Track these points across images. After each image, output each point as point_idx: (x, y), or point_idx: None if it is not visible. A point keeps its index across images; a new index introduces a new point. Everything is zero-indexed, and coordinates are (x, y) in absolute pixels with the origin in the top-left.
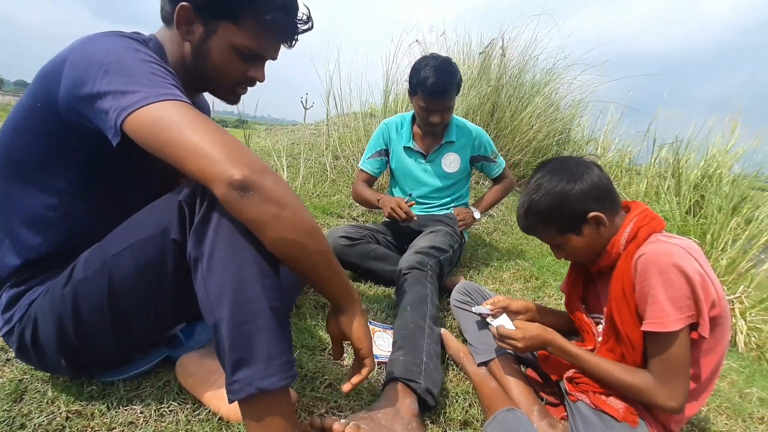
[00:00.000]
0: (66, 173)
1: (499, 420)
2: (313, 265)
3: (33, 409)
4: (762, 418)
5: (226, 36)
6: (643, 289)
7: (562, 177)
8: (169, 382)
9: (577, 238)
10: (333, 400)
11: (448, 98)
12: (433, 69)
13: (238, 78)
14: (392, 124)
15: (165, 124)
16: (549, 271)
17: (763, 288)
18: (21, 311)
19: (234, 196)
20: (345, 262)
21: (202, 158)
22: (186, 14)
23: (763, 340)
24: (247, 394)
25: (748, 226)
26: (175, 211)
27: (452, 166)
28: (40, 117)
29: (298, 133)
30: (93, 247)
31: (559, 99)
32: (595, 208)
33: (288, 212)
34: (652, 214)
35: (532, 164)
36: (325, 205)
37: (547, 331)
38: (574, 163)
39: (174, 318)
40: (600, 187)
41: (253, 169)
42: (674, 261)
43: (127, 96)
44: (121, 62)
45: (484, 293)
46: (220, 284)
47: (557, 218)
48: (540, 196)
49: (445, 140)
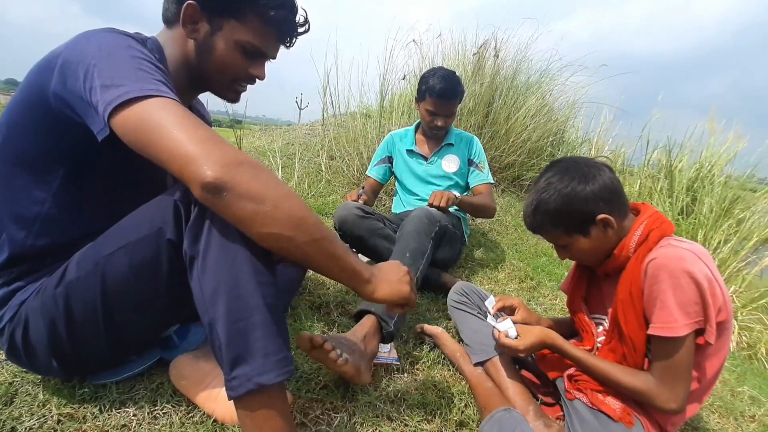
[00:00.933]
0: (57, 168)
1: (495, 419)
2: (306, 255)
3: (24, 412)
4: (753, 416)
5: (231, 33)
6: (652, 293)
7: (574, 177)
8: (162, 384)
9: (584, 239)
10: (329, 401)
11: (453, 103)
12: (441, 77)
13: (239, 74)
14: (397, 135)
15: (146, 125)
16: (544, 271)
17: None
18: (11, 311)
19: (209, 199)
20: (354, 235)
21: (179, 159)
22: (192, 12)
23: (755, 340)
24: (247, 390)
25: (740, 227)
26: (170, 210)
27: (451, 166)
28: (34, 112)
29: (293, 133)
30: (86, 247)
31: (553, 100)
32: (604, 211)
33: (268, 206)
34: (662, 217)
35: (527, 165)
36: (320, 205)
37: (548, 335)
38: (586, 164)
39: (168, 319)
40: (611, 190)
41: (226, 167)
42: (685, 266)
43: (111, 90)
44: (110, 57)
45: (481, 294)
46: (214, 282)
47: (566, 218)
48: (550, 195)
49: (445, 143)
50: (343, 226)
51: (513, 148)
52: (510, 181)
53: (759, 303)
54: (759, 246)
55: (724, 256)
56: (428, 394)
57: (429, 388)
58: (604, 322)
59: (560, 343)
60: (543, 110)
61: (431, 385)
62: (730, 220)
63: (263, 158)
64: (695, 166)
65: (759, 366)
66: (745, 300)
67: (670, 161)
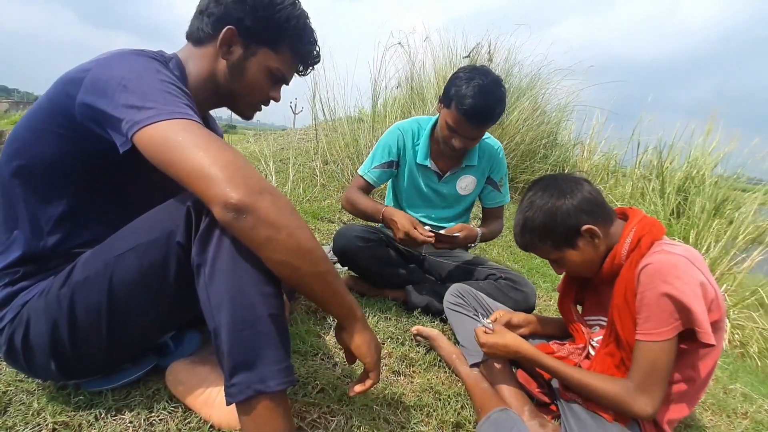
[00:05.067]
0: (74, 175)
1: (492, 420)
2: (308, 286)
3: (18, 421)
4: (746, 413)
5: (264, 60)
6: (643, 298)
7: (552, 193)
8: (158, 391)
9: (574, 252)
10: (326, 404)
11: (484, 128)
12: (478, 88)
13: (264, 96)
14: (408, 130)
15: (171, 143)
16: (538, 272)
17: (745, 287)
18: (13, 312)
19: (229, 219)
20: (357, 264)
21: (203, 180)
22: (230, 36)
23: (746, 338)
24: (245, 397)
25: (730, 227)
26: (182, 215)
27: (467, 188)
28: (56, 119)
29: (287, 137)
30: (94, 249)
31: (545, 103)
32: (587, 221)
33: (282, 235)
34: (651, 221)
35: (520, 167)
36: (315, 209)
37: (518, 345)
38: (564, 180)
39: (170, 323)
40: (590, 201)
41: (250, 192)
42: (677, 274)
43: (142, 111)
44: (140, 80)
45: (477, 296)
46: (220, 291)
47: (551, 233)
48: (533, 212)
49: (466, 164)
50: (343, 257)
51: (506, 151)
52: None
53: (750, 301)
54: (749, 245)
55: (715, 255)
56: (425, 397)
57: (426, 390)
58: (602, 322)
59: (529, 352)
60: (535, 113)
61: (428, 387)
62: (721, 219)
63: (257, 163)
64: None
65: (751, 364)
66: (737, 299)
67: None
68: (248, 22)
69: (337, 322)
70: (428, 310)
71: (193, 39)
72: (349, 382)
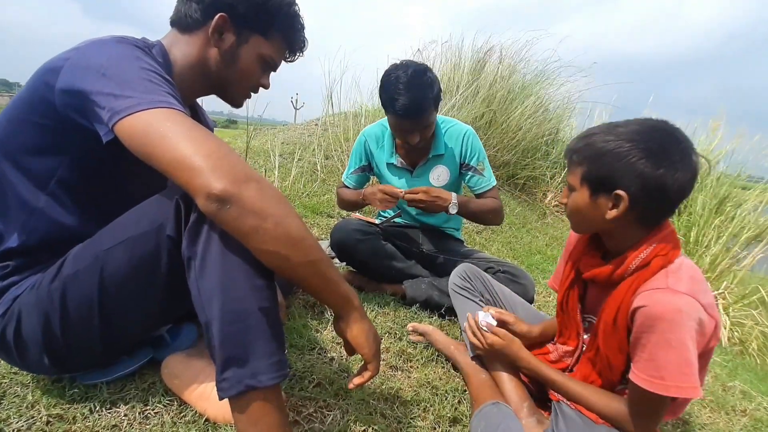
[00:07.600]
0: (55, 165)
1: (483, 414)
2: (300, 275)
3: (12, 413)
4: (744, 411)
5: (256, 47)
6: (640, 339)
7: (649, 148)
8: (154, 384)
9: (586, 197)
10: (322, 399)
11: (423, 118)
12: (403, 86)
13: (255, 83)
14: (371, 135)
15: (153, 134)
16: (538, 269)
17: (745, 284)
18: (4, 307)
19: (213, 209)
20: (355, 258)
21: (186, 171)
22: (222, 23)
23: (746, 335)
24: (237, 392)
25: (731, 224)
26: (171, 208)
27: (441, 179)
28: (37, 108)
29: (289, 132)
30: (84, 243)
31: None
32: (631, 193)
33: (269, 224)
34: (674, 241)
35: (521, 164)
36: (315, 204)
37: (519, 349)
38: (683, 146)
39: (163, 317)
40: (664, 185)
41: (234, 180)
42: (681, 323)
43: (120, 100)
44: (119, 67)
45: (485, 279)
46: (211, 284)
47: (595, 164)
48: (611, 137)
49: (433, 154)
50: (341, 250)
51: (507, 148)
52: (505, 180)
53: (750, 299)
54: (750, 242)
55: (715, 252)
56: (422, 392)
57: (422, 385)
58: (592, 319)
59: (528, 362)
60: (538, 111)
61: (425, 382)
62: (722, 217)
63: (259, 158)
64: None
65: (750, 361)
66: (737, 296)
67: None
68: (241, 9)
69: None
70: (427, 304)
71: (180, 25)
72: (347, 376)
